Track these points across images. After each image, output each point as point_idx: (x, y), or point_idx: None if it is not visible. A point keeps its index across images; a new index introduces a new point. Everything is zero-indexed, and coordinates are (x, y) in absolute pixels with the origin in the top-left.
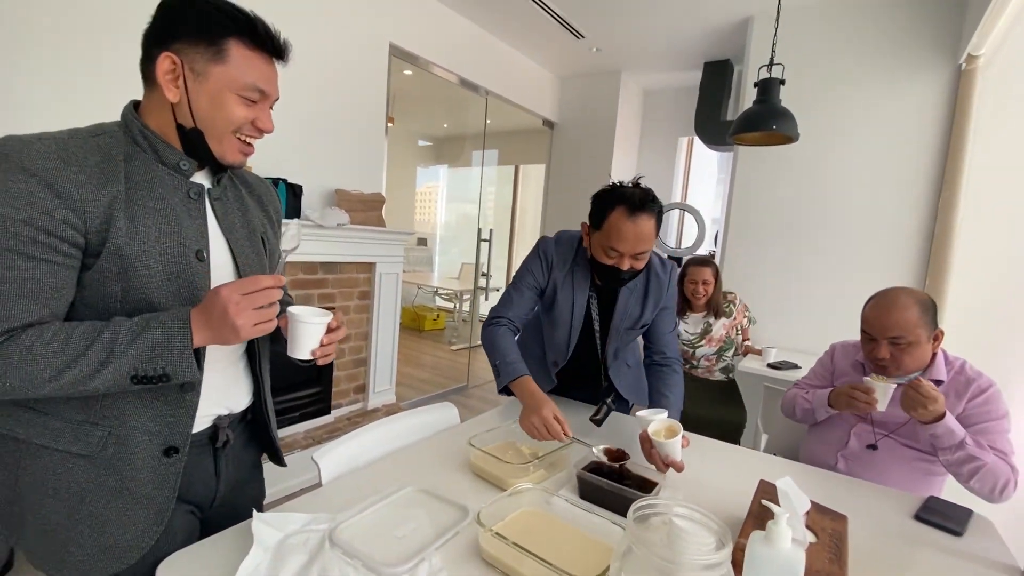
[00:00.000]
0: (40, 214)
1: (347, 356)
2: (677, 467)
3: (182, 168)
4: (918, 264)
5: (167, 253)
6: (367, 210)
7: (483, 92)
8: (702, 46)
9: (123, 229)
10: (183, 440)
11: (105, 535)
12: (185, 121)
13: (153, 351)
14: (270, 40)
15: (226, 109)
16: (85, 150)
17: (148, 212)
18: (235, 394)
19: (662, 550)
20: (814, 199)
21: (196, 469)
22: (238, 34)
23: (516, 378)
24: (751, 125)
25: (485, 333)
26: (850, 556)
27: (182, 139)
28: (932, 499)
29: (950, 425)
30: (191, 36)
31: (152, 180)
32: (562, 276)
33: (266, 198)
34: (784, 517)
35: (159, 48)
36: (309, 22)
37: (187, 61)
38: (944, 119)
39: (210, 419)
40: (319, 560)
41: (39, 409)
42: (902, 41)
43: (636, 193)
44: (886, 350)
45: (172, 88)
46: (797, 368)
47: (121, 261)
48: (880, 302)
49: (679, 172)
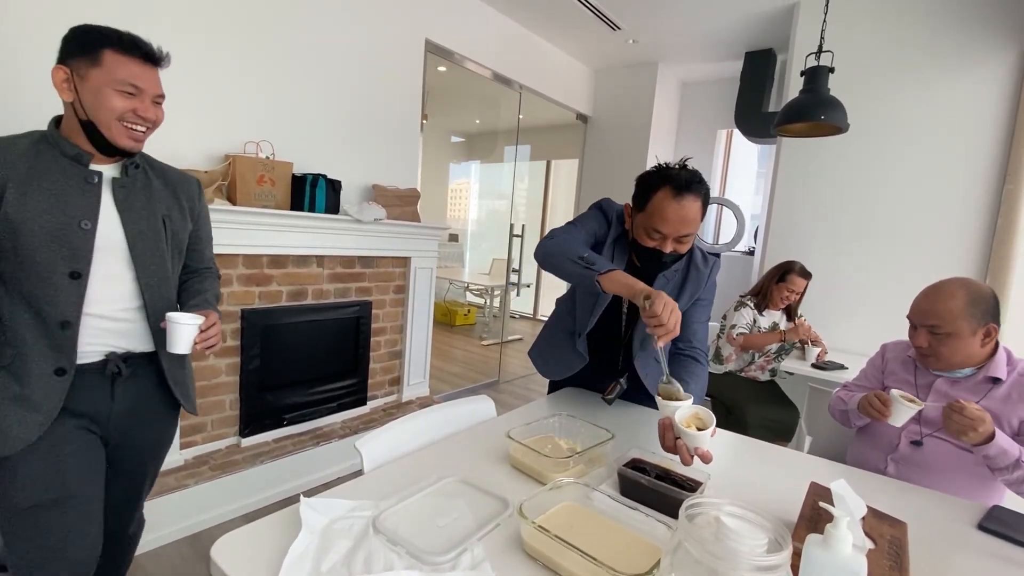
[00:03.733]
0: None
1: (383, 349)
2: (705, 458)
3: (81, 160)
4: (977, 262)
5: (51, 221)
6: (403, 205)
7: (516, 87)
8: (743, 35)
9: (12, 200)
10: (69, 364)
11: (3, 424)
12: (81, 115)
13: None
14: (137, 48)
15: (105, 100)
16: (7, 144)
17: (40, 191)
18: (131, 337)
19: (715, 547)
20: (863, 194)
21: (91, 390)
22: (108, 45)
23: (613, 269)
24: (797, 115)
25: (547, 243)
26: (911, 565)
27: (85, 131)
28: (997, 508)
29: (1002, 445)
30: (75, 52)
31: (50, 169)
32: (608, 244)
33: (180, 189)
34: (844, 521)
35: (57, 64)
36: (348, 21)
37: (75, 69)
38: (1007, 107)
39: (101, 353)
40: (364, 546)
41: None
42: (960, 25)
43: (683, 174)
44: (924, 338)
45: (66, 92)
46: (844, 368)
47: (10, 224)
48: (928, 289)
49: (717, 166)
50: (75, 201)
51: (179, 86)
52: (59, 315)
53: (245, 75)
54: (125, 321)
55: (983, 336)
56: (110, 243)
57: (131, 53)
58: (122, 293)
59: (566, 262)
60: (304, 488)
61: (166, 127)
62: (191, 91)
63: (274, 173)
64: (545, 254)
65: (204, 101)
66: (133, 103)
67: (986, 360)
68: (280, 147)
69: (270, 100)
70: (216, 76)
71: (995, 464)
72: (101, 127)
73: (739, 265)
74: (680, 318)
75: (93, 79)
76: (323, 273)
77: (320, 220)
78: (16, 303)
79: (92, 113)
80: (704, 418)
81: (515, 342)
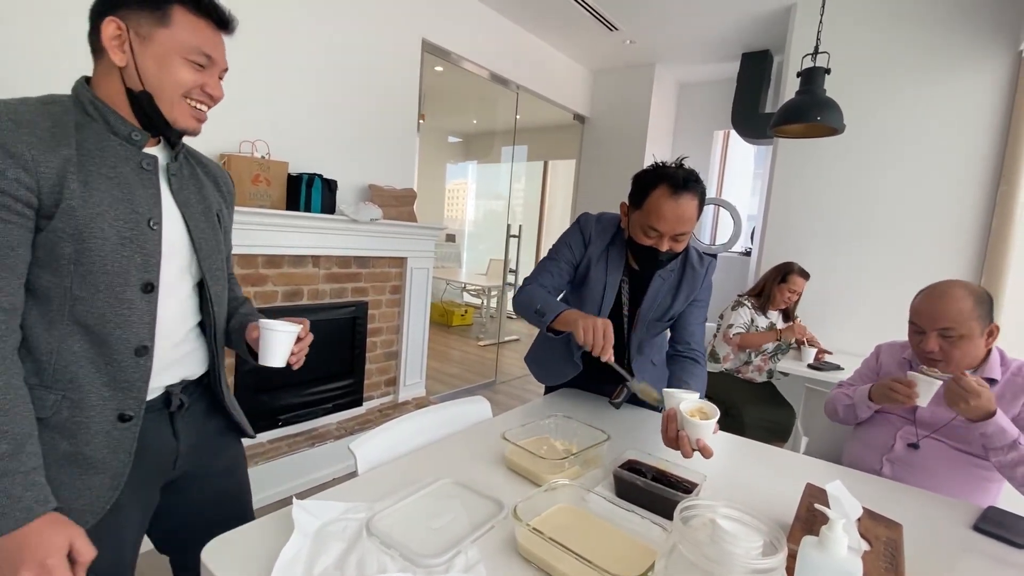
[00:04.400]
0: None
1: (379, 350)
2: (706, 452)
3: (133, 139)
4: (973, 263)
5: (120, 218)
6: (399, 205)
7: (514, 87)
8: (740, 36)
9: (76, 191)
10: (137, 406)
11: (58, 499)
12: (134, 85)
13: None
14: (214, 9)
15: (173, 71)
16: (36, 115)
17: (101, 178)
18: (189, 363)
19: (710, 550)
20: (859, 193)
21: (154, 432)
22: (180, 1)
23: (562, 312)
24: (794, 116)
25: (519, 294)
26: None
27: (133, 105)
28: (992, 509)
29: (1001, 423)
30: (135, 2)
31: (104, 149)
32: (597, 254)
33: (221, 179)
34: (840, 523)
35: (104, 15)
36: (345, 20)
37: (132, 25)
38: (1003, 109)
39: (161, 388)
40: (357, 548)
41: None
42: (956, 27)
43: (679, 172)
44: (935, 342)
45: (118, 52)
46: (840, 369)
47: (75, 222)
48: (931, 292)
49: (714, 167)
50: (138, 193)
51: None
52: (135, 339)
53: (241, 74)
54: (186, 343)
55: (987, 336)
56: (173, 247)
57: (206, 15)
58: (184, 309)
59: (531, 315)
60: (298, 490)
61: None
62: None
63: (270, 173)
64: (516, 308)
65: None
66: (203, 77)
67: (981, 363)
68: (276, 146)
69: (266, 99)
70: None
71: (992, 443)
72: (162, 103)
73: (736, 266)
74: (607, 326)
75: (159, 42)
76: (319, 273)
77: (316, 220)
78: (66, 332)
79: (152, 84)
80: (708, 411)
81: (512, 343)
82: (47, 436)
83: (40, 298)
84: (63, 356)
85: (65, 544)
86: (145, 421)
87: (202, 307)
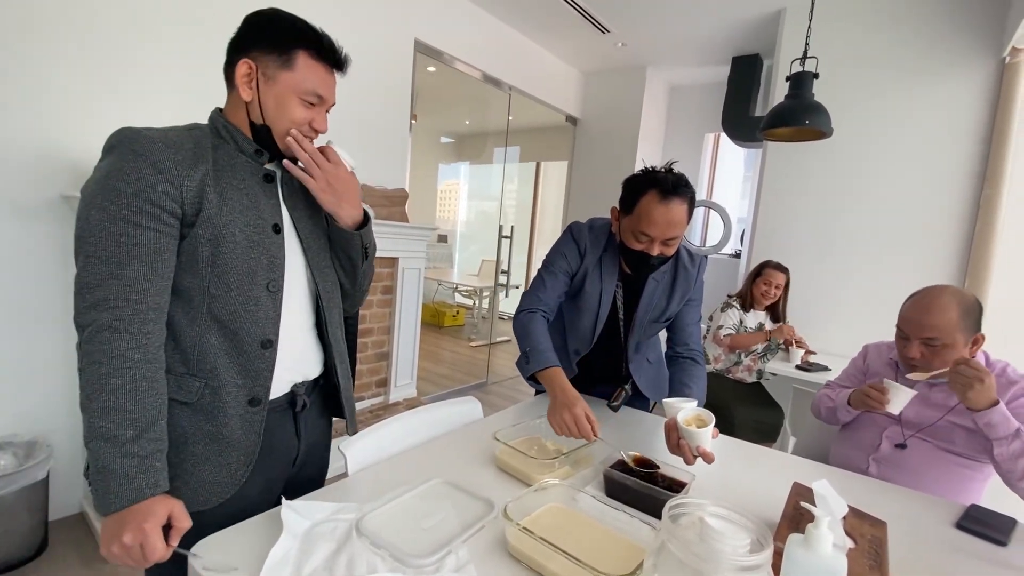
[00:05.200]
0: (146, 187)
1: (370, 350)
2: (707, 457)
3: (257, 157)
4: (957, 265)
5: (249, 224)
6: (391, 206)
7: (506, 88)
8: (731, 40)
9: (214, 201)
10: (264, 392)
11: (204, 472)
12: (256, 118)
13: (106, 479)
14: (332, 53)
15: (288, 109)
16: (182, 138)
17: (233, 189)
18: (308, 362)
19: (698, 548)
20: (847, 197)
21: (279, 430)
22: (305, 47)
23: (547, 368)
24: (783, 120)
25: (519, 319)
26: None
27: (253, 134)
28: (974, 507)
29: (1005, 412)
30: (266, 46)
31: (234, 166)
32: (593, 263)
33: None
34: (825, 521)
35: (239, 55)
36: (337, 19)
37: (261, 67)
38: (986, 114)
39: (288, 385)
40: (346, 549)
41: None
42: (942, 33)
43: (669, 177)
44: (918, 350)
45: (247, 89)
46: (827, 370)
47: (212, 229)
48: (920, 301)
49: (704, 169)
50: (263, 201)
51: (163, 84)
52: (261, 333)
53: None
54: (304, 341)
55: (971, 345)
56: (291, 249)
57: (325, 59)
58: (303, 308)
59: (521, 348)
60: None
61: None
62: (176, 90)
63: None
64: (514, 329)
65: (190, 99)
66: (312, 113)
67: None
68: None
69: None
70: (201, 74)
71: (996, 432)
72: (276, 135)
73: (726, 268)
74: (578, 419)
75: (282, 83)
76: None
77: None
78: (205, 326)
79: (271, 118)
80: (705, 418)
81: (504, 343)
82: (195, 418)
83: (183, 297)
84: (203, 348)
85: (164, 513)
86: (273, 419)
87: (316, 306)
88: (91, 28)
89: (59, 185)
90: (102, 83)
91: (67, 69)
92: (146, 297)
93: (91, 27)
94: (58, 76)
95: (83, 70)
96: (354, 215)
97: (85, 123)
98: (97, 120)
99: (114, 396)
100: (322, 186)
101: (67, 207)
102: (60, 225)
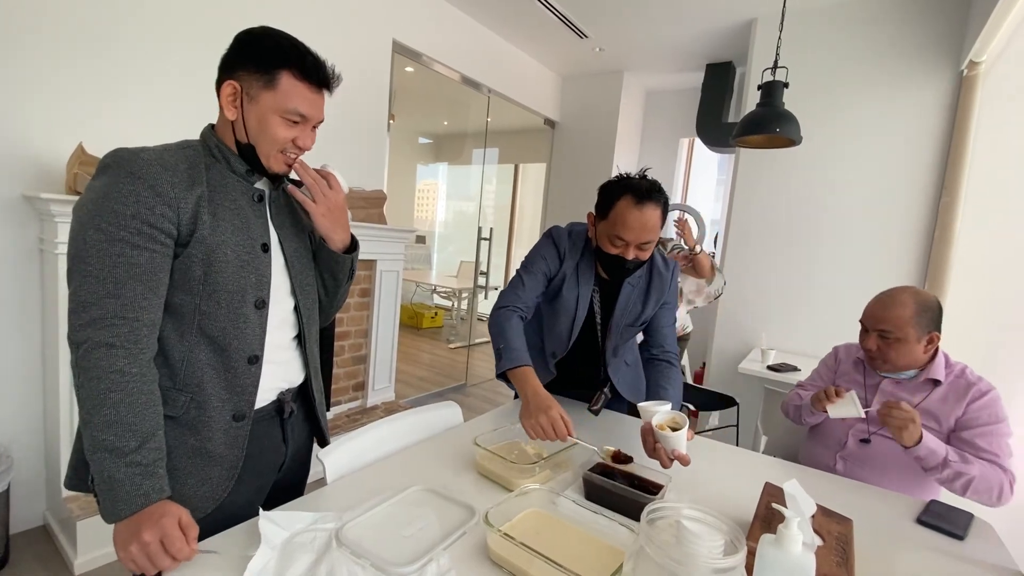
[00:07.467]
0: (144, 209)
1: (347, 354)
2: (683, 460)
3: (248, 177)
4: (917, 268)
5: (240, 244)
6: (369, 207)
7: (485, 90)
8: (705, 48)
9: (207, 222)
10: (248, 407)
11: (187, 486)
12: (241, 137)
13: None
14: (316, 72)
15: (270, 130)
16: (177, 159)
17: (225, 210)
18: (292, 370)
19: (674, 551)
20: (815, 202)
21: (267, 438)
22: (288, 66)
23: (518, 366)
24: (754, 128)
25: (494, 316)
26: (856, 559)
27: (240, 152)
28: (934, 503)
29: (930, 446)
30: (251, 66)
31: (226, 186)
32: (571, 269)
33: None
34: (795, 521)
35: (226, 75)
36: (314, 19)
37: (245, 87)
38: (945, 125)
39: (275, 392)
40: (326, 559)
41: None
42: (905, 47)
43: (643, 183)
44: (873, 341)
45: (231, 108)
46: (796, 371)
47: (205, 248)
48: (881, 297)
49: (679, 173)
50: (253, 221)
51: (139, 86)
52: (248, 349)
53: (207, 72)
54: (287, 351)
55: (927, 343)
56: (277, 267)
57: (309, 78)
58: (286, 322)
59: (495, 346)
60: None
61: (132, 130)
62: (151, 90)
63: None
64: (489, 327)
65: (164, 101)
66: (295, 132)
67: (927, 364)
68: None
69: None
70: (177, 75)
71: (926, 464)
72: (260, 154)
73: None
74: (553, 421)
75: (263, 103)
76: None
77: None
78: (194, 342)
79: (254, 138)
80: (679, 421)
81: (483, 345)
82: (179, 432)
83: (175, 314)
84: (191, 363)
85: (177, 513)
86: (262, 426)
87: (298, 320)
88: (51, 23)
89: (19, 184)
90: (66, 80)
91: (26, 65)
92: (142, 315)
93: (51, 22)
94: (17, 72)
95: (45, 67)
96: (344, 239)
97: (46, 121)
98: (60, 117)
99: (115, 409)
100: (323, 211)
101: (28, 207)
102: (21, 227)
